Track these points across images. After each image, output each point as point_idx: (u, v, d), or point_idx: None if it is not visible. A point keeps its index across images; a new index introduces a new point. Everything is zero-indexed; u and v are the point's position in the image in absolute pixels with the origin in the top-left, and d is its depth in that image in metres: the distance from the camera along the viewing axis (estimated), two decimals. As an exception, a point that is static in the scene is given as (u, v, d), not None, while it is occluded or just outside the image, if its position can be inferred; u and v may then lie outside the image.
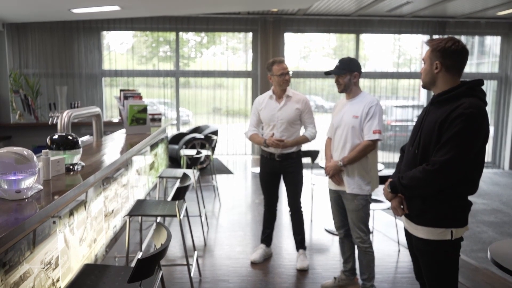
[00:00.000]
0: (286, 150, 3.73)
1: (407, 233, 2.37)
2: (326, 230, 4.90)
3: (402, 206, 2.28)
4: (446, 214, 2.11)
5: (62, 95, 6.22)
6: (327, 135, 3.38)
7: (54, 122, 4.75)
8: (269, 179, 3.92)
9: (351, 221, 3.17)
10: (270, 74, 3.72)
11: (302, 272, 3.79)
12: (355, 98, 3.13)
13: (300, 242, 3.97)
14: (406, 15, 9.13)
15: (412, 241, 2.32)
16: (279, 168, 3.81)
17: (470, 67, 10.28)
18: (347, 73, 3.07)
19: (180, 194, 3.11)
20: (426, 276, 2.26)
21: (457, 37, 2.17)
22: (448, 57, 2.07)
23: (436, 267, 2.19)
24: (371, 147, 3.05)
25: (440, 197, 2.11)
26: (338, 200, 3.26)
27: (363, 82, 9.49)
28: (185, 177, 3.48)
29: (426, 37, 9.76)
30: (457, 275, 2.22)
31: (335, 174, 3.13)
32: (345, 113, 3.13)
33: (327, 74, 3.16)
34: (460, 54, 2.08)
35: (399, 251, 4.29)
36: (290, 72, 3.73)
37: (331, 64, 9.86)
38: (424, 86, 2.24)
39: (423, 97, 10.25)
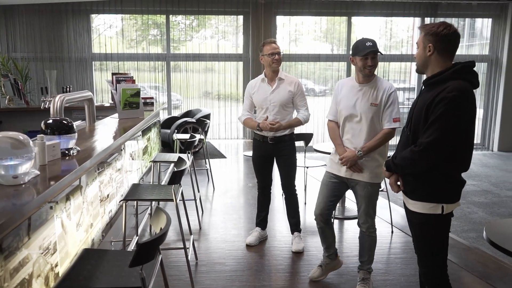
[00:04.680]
0: (279, 133, 3.72)
1: (406, 209, 2.46)
2: (320, 213, 4.94)
3: (398, 183, 2.37)
4: (436, 190, 2.22)
5: (52, 80, 6.12)
6: (329, 118, 3.19)
7: (47, 106, 4.69)
8: (262, 162, 3.92)
9: (362, 207, 3.07)
10: (261, 54, 3.73)
11: (298, 254, 3.83)
12: (370, 83, 2.96)
13: (295, 224, 4.00)
14: (398, -3, 9.10)
15: None
16: (272, 151, 3.82)
17: (461, 49, 10.30)
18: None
19: (176, 178, 3.10)
20: (416, 248, 2.40)
21: (448, 19, 2.23)
22: (440, 40, 2.14)
23: (426, 240, 2.31)
24: (392, 135, 2.97)
25: (430, 175, 2.21)
26: (337, 186, 3.13)
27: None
28: (180, 161, 3.47)
29: (418, 20, 9.74)
30: (447, 250, 2.34)
31: (353, 164, 2.99)
32: (359, 99, 2.96)
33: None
34: (452, 37, 2.15)
35: (392, 232, 4.35)
36: (282, 52, 3.71)
37: (322, 48, 9.87)
38: (417, 70, 2.33)
39: (414, 80, 10.28)
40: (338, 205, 4.82)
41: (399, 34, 10.25)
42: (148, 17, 9.44)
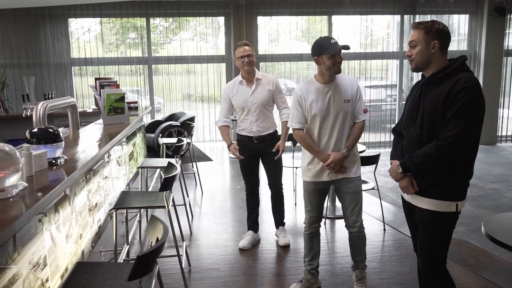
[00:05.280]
0: (264, 132, 3.76)
1: (408, 207, 2.45)
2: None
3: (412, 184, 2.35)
4: (454, 188, 2.22)
5: (30, 86, 5.95)
6: (296, 127, 3.00)
7: (29, 114, 4.53)
8: (249, 162, 3.90)
9: (352, 205, 3.01)
10: (234, 57, 3.74)
11: (292, 257, 3.78)
12: (334, 81, 2.93)
13: (279, 219, 4.01)
14: (378, -6, 9.16)
15: (413, 214, 2.41)
16: (258, 150, 3.82)
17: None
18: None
19: (168, 184, 3.03)
20: (422, 244, 2.37)
21: (427, 16, 2.30)
22: (443, 36, 2.20)
23: (435, 237, 2.31)
24: (364, 126, 3.02)
25: (451, 171, 2.20)
26: (323, 191, 3.09)
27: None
28: (170, 166, 3.39)
29: (397, 17, 9.83)
30: (448, 247, 2.35)
31: (341, 165, 2.94)
32: (331, 99, 2.90)
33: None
34: (449, 35, 2.25)
35: (384, 229, 4.35)
36: (253, 54, 3.69)
37: (303, 47, 9.86)
38: (416, 69, 2.28)
39: (394, 77, 10.36)
40: (329, 204, 4.80)
41: (378, 32, 10.32)
42: (127, 20, 9.28)
